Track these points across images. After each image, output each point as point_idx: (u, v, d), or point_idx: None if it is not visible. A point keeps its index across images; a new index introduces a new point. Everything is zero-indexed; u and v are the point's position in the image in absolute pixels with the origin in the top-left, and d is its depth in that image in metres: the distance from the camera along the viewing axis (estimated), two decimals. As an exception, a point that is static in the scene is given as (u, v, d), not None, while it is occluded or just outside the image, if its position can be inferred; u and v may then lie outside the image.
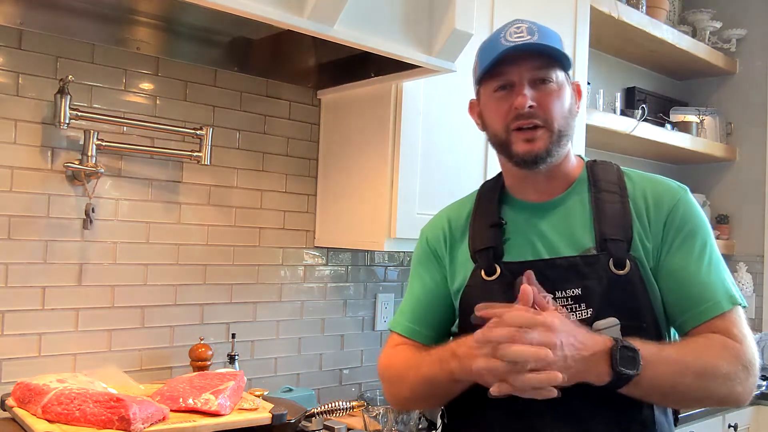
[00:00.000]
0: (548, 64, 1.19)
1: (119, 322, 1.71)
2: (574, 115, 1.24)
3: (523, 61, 1.18)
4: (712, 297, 1.14)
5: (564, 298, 1.15)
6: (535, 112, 1.17)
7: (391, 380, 1.29)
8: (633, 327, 1.12)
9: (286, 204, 2.02)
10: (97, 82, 1.67)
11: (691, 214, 1.19)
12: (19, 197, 1.57)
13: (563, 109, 1.20)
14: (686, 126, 3.14)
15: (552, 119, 1.18)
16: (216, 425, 1.35)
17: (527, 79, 1.18)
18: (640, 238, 1.17)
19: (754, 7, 3.32)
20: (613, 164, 1.29)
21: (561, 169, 1.26)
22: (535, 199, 1.26)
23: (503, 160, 1.28)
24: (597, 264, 1.15)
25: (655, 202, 1.20)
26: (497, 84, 1.21)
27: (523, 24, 1.20)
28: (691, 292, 1.15)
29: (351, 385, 2.17)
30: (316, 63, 1.99)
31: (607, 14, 2.55)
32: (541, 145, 1.18)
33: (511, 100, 1.19)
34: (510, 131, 1.19)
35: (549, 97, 1.18)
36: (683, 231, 1.18)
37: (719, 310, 1.13)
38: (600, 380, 1.04)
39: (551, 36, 1.21)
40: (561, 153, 1.22)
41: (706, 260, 1.17)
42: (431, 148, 1.88)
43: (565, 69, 1.22)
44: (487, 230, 1.25)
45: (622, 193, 1.22)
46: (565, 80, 1.22)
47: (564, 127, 1.20)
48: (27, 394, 1.34)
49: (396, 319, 1.36)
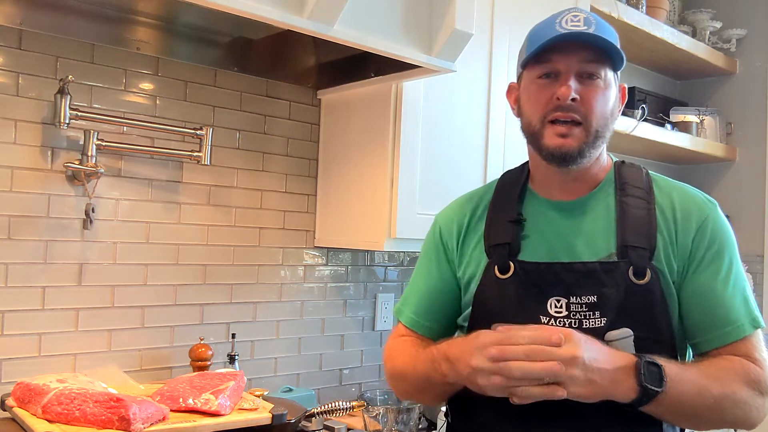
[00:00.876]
0: (599, 59, 1.14)
1: (119, 322, 1.71)
2: (614, 118, 1.19)
3: (573, 51, 1.13)
4: (736, 320, 1.11)
5: (578, 304, 1.12)
6: (577, 106, 1.12)
7: (393, 375, 1.28)
8: (647, 339, 1.09)
9: (286, 204, 2.02)
10: (97, 82, 1.67)
11: (719, 231, 1.16)
12: (19, 197, 1.57)
13: (606, 108, 1.15)
14: (686, 126, 3.14)
15: (592, 117, 1.13)
16: (216, 425, 1.35)
17: (574, 71, 1.13)
18: (664, 248, 1.13)
19: (754, 7, 3.32)
20: (642, 168, 1.24)
21: (591, 172, 1.21)
22: (559, 197, 1.22)
23: (532, 152, 1.23)
24: (616, 271, 1.12)
25: (683, 216, 1.16)
26: (542, 71, 1.15)
27: (581, 13, 1.15)
28: (715, 312, 1.12)
29: (351, 385, 2.17)
30: (316, 63, 1.99)
31: (607, 14, 2.54)
32: (574, 143, 1.13)
33: (553, 89, 1.13)
34: (545, 122, 1.14)
35: (594, 93, 1.14)
36: (711, 249, 1.14)
37: (742, 333, 1.11)
38: (626, 396, 1.01)
39: (608, 31, 1.16)
40: (593, 155, 1.17)
41: (732, 280, 1.14)
42: (431, 148, 1.88)
43: (615, 68, 1.18)
44: (505, 225, 1.21)
45: (648, 199, 1.17)
46: (613, 80, 1.18)
47: (602, 128, 1.15)
48: (27, 394, 1.34)
49: (400, 308, 1.33)
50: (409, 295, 1.33)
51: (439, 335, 1.28)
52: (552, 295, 1.14)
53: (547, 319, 1.14)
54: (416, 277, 1.34)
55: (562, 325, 1.12)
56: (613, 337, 1.09)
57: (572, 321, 1.12)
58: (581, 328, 1.10)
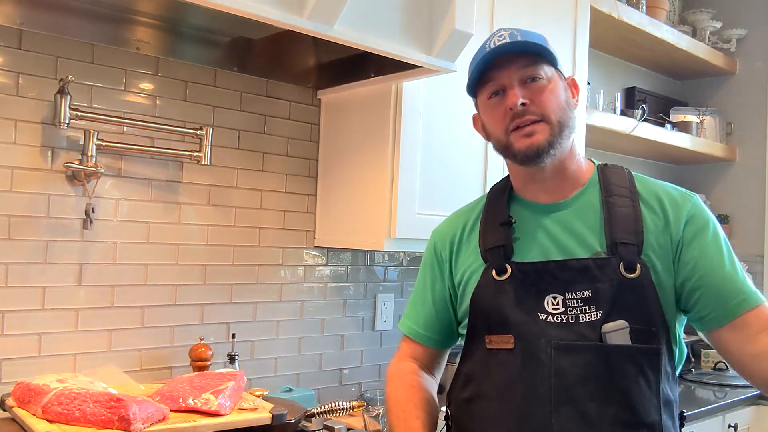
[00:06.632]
0: (534, 62, 1.20)
1: (119, 322, 1.71)
2: (572, 107, 1.24)
3: (509, 63, 1.20)
4: (745, 291, 1.16)
5: (574, 299, 1.16)
6: (529, 108, 1.18)
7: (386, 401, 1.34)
8: (642, 331, 1.13)
9: (286, 204, 2.02)
10: (97, 82, 1.67)
11: (707, 217, 1.21)
12: (19, 197, 1.57)
13: (558, 101, 1.21)
14: (686, 126, 3.14)
15: (548, 112, 1.19)
16: (216, 425, 1.35)
17: (516, 80, 1.20)
18: (653, 241, 1.17)
19: (754, 7, 3.32)
20: (624, 168, 1.29)
21: (569, 170, 1.26)
22: (544, 200, 1.26)
23: (509, 162, 1.28)
24: (608, 267, 1.15)
25: (672, 206, 1.20)
26: (490, 91, 1.23)
27: (504, 31, 1.22)
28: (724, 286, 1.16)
29: (351, 385, 2.17)
30: (316, 63, 1.99)
31: (607, 14, 2.55)
32: (541, 137, 1.18)
33: (505, 104, 1.20)
34: (509, 132, 1.20)
35: (541, 92, 1.19)
36: (705, 232, 1.19)
37: (755, 302, 1.15)
38: None
39: (533, 36, 1.22)
40: (564, 146, 1.21)
41: (730, 259, 1.18)
42: (431, 148, 1.88)
43: (552, 64, 1.23)
44: (497, 229, 1.26)
45: (633, 197, 1.22)
46: (556, 75, 1.23)
47: (563, 119, 1.20)
48: (27, 394, 1.34)
49: (405, 321, 1.40)
50: (410, 308, 1.41)
51: (442, 344, 1.37)
52: (548, 292, 1.18)
53: (545, 315, 1.16)
54: (416, 290, 1.40)
55: (560, 320, 1.15)
56: (610, 329, 1.12)
57: (569, 316, 1.15)
58: (578, 322, 1.14)
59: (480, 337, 1.22)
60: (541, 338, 1.14)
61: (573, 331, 1.14)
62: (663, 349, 1.14)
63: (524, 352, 1.15)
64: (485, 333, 1.21)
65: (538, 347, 1.14)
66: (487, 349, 1.21)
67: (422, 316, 1.36)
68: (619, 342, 1.12)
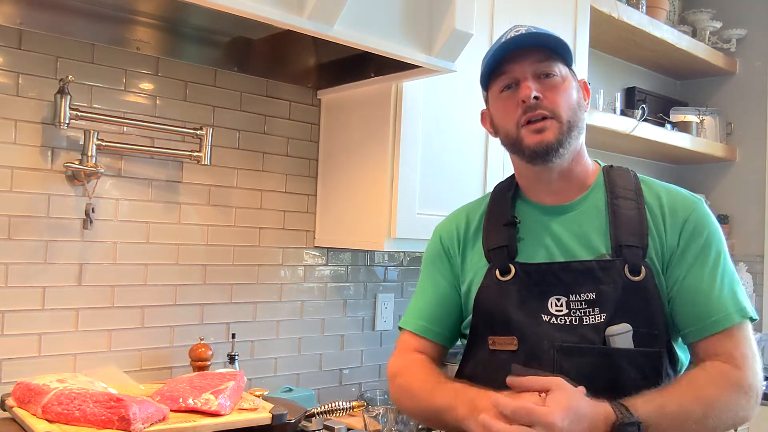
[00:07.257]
0: (550, 57, 1.20)
1: (119, 322, 1.71)
2: (582, 109, 1.23)
3: (523, 57, 1.19)
4: (722, 309, 1.13)
5: (578, 302, 1.15)
6: (542, 103, 1.17)
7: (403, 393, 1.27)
8: (645, 334, 1.12)
9: (286, 204, 2.02)
10: (97, 82, 1.67)
11: (705, 225, 1.19)
12: (19, 197, 1.57)
13: (570, 100, 1.20)
14: (686, 126, 3.14)
15: (560, 110, 1.18)
16: (216, 425, 1.35)
17: (530, 73, 1.19)
18: (655, 246, 1.17)
19: (754, 7, 3.32)
20: (629, 170, 1.28)
21: (575, 172, 1.25)
22: (549, 201, 1.26)
23: (516, 160, 1.27)
24: (612, 269, 1.15)
25: (671, 210, 1.19)
26: (503, 84, 1.21)
27: (522, 27, 1.21)
28: (703, 303, 1.14)
29: (351, 385, 2.17)
30: (316, 63, 1.99)
31: (607, 14, 2.55)
32: (551, 135, 1.17)
33: (517, 97, 1.18)
34: (520, 127, 1.19)
35: (554, 89, 1.19)
36: (698, 242, 1.17)
37: (729, 322, 1.12)
38: None
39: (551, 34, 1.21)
40: (573, 146, 1.21)
41: (720, 272, 1.16)
42: (431, 148, 1.88)
43: (567, 64, 1.22)
44: (501, 229, 1.25)
45: (638, 199, 1.21)
46: (570, 75, 1.22)
47: (573, 119, 1.19)
48: (27, 394, 1.34)
49: (407, 319, 1.35)
50: (415, 305, 1.35)
51: (447, 341, 1.32)
52: (552, 294, 1.17)
53: (549, 317, 1.16)
54: (421, 287, 1.36)
55: (563, 322, 1.14)
56: (613, 332, 1.12)
57: (573, 318, 1.15)
58: (582, 325, 1.13)
59: (483, 338, 1.22)
60: (545, 340, 1.14)
61: (576, 333, 1.14)
62: (665, 352, 1.14)
63: (527, 353, 1.15)
64: (488, 334, 1.21)
65: (541, 349, 1.14)
66: (490, 350, 1.20)
67: (428, 310, 1.32)
68: (623, 345, 1.11)
